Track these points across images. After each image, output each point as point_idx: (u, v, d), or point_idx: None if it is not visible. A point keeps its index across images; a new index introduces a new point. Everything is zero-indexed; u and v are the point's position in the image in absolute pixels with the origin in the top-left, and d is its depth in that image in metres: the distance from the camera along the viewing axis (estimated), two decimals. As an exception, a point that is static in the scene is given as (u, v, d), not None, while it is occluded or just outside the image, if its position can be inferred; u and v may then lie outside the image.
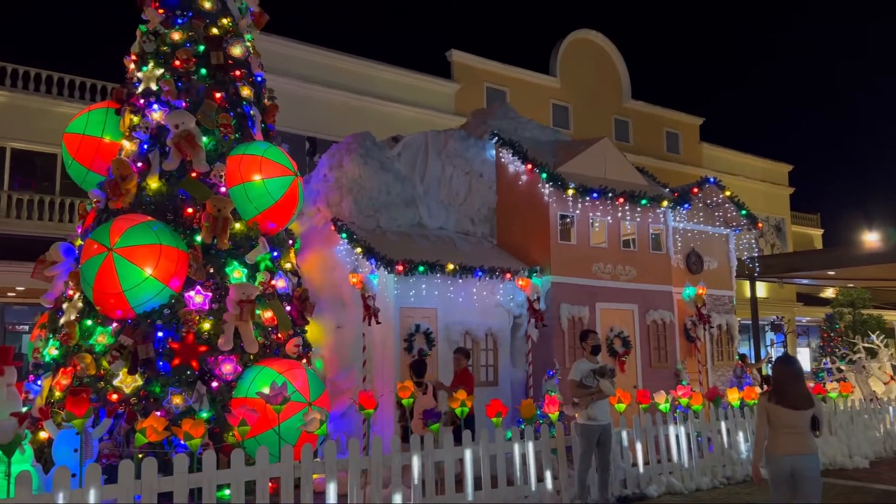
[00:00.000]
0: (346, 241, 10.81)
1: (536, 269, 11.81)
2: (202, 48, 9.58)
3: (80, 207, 10.09)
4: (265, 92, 10.45)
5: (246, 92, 9.83)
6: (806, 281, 26.01)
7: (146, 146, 9.17)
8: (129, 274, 7.96)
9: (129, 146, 9.31)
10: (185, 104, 9.24)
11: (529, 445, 8.14)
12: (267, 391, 7.47)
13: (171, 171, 8.97)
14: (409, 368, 9.40)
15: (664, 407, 9.59)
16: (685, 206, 13.53)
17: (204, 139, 9.11)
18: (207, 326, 8.36)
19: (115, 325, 8.28)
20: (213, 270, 8.68)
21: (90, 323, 8.40)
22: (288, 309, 9.33)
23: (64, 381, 8.09)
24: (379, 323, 10.27)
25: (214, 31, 9.73)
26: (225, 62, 9.65)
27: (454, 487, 7.46)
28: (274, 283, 9.21)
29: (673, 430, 9.45)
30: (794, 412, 5.61)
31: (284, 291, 9.41)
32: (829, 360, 20.11)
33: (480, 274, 11.18)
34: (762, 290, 29.32)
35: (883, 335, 18.66)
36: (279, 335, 8.99)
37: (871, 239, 25.22)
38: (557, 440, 8.42)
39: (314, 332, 10.34)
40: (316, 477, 6.59)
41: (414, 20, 56.32)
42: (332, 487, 6.57)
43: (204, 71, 9.51)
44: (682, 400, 9.93)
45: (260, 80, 10.32)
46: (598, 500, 7.97)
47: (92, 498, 5.41)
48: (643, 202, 12.70)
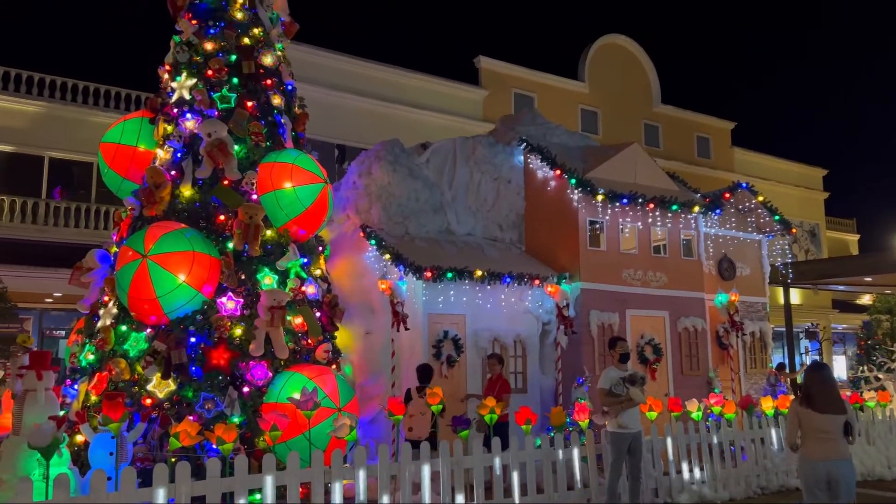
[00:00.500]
0: (374, 247, 10.87)
1: (565, 275, 11.75)
2: (234, 58, 9.72)
3: (115, 215, 10.28)
4: (295, 100, 10.56)
5: (277, 100, 9.94)
6: (842, 287, 25.45)
7: (180, 155, 9.32)
8: (162, 280, 8.09)
9: (163, 155, 9.47)
10: (217, 113, 9.38)
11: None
12: (298, 396, 7.53)
13: (203, 178, 9.10)
14: (415, 372, 9.34)
15: (696, 415, 9.46)
16: (717, 211, 13.37)
17: (236, 147, 9.23)
18: (239, 332, 8.46)
19: (149, 330, 8.42)
20: (244, 277, 8.78)
21: (125, 328, 8.55)
22: (318, 315, 9.39)
23: (100, 385, 8.24)
24: (408, 329, 10.31)
25: (246, 41, 9.86)
26: (256, 71, 9.78)
27: (483, 495, 7.43)
28: (304, 289, 9.28)
29: (705, 438, 9.32)
30: (825, 417, 5.54)
31: (314, 297, 9.49)
32: (866, 368, 19.65)
33: (509, 280, 11.16)
34: (796, 296, 28.79)
35: (922, 343, 18.19)
36: (309, 341, 9.06)
37: (909, 244, 24.62)
38: (588, 448, 8.36)
39: (343, 337, 10.40)
40: (346, 482, 6.62)
41: (442, 27, 56.54)
42: (361, 487, 6.60)
43: (236, 80, 9.65)
44: (714, 408, 9.79)
45: (290, 88, 10.44)
46: (628, 508, 7.88)
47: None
48: (674, 208, 12.57)
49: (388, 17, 54.86)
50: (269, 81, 9.92)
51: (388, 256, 10.55)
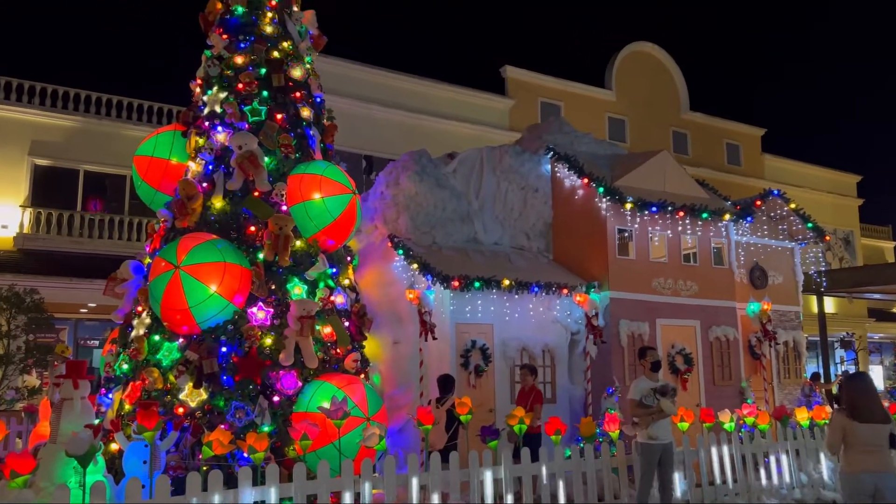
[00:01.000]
0: (402, 257, 10.91)
1: (594, 284, 11.67)
2: (264, 71, 9.86)
3: (148, 227, 10.45)
4: (324, 112, 10.67)
5: (306, 113, 10.05)
6: (877, 296, 24.93)
7: (211, 167, 9.46)
8: (194, 291, 8.20)
9: (194, 167, 9.62)
10: (247, 126, 9.51)
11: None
12: (327, 406, 7.57)
13: (234, 190, 9.22)
14: (437, 383, 9.38)
15: (729, 426, 9.32)
16: (748, 219, 13.19)
17: (266, 159, 9.35)
18: (269, 342, 8.53)
19: (181, 340, 8.53)
20: (274, 287, 8.87)
21: (158, 338, 8.68)
22: (346, 324, 9.44)
23: (134, 394, 8.37)
24: (435, 339, 10.31)
25: (275, 54, 10.00)
26: (286, 84, 9.90)
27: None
28: (333, 298, 9.34)
29: (739, 449, 9.17)
30: (871, 427, 5.42)
31: (343, 307, 9.54)
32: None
33: (537, 289, 11.12)
34: (831, 305, 28.25)
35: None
36: (338, 350, 9.10)
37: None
38: (619, 459, 8.27)
39: (372, 347, 10.44)
40: (375, 492, 6.64)
41: (468, 38, 56.74)
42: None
43: (266, 93, 9.78)
44: (747, 419, 9.63)
45: (319, 100, 10.55)
46: (660, 520, 7.78)
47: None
48: (704, 215, 12.44)
49: (414, 28, 55.24)
50: (298, 94, 10.03)
51: (415, 266, 10.58)
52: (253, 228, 9.07)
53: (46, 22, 41.38)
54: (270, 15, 10.23)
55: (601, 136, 22.54)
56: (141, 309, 9.12)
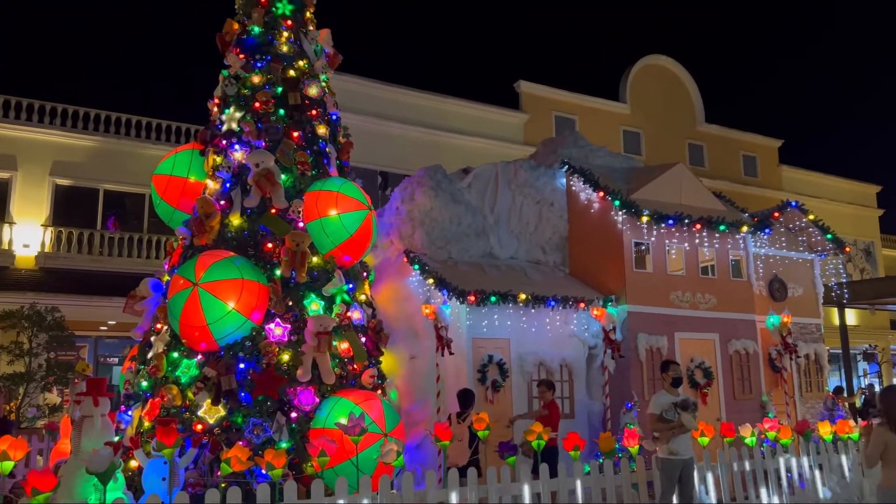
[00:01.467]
0: (418, 272, 10.93)
1: (611, 298, 11.61)
2: (280, 90, 9.97)
3: (167, 244, 10.55)
4: (340, 129, 10.75)
5: (322, 130, 10.14)
6: (900, 307, 24.58)
7: (228, 185, 9.55)
8: (213, 308, 8.25)
9: (212, 185, 9.72)
10: (264, 144, 9.61)
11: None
12: (345, 422, 7.56)
13: (251, 207, 9.30)
14: (457, 398, 9.37)
15: (750, 441, 9.20)
16: (766, 231, 13.09)
17: (283, 176, 9.43)
18: (287, 358, 8.56)
19: (199, 357, 8.58)
20: (291, 303, 8.91)
21: (176, 355, 8.73)
22: (363, 340, 9.46)
23: (153, 411, 8.42)
24: (452, 354, 10.29)
25: (291, 73, 10.11)
26: (302, 102, 10.00)
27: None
28: (349, 314, 9.37)
29: (760, 465, 9.04)
30: None
31: (360, 323, 9.56)
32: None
33: (553, 303, 11.08)
34: (852, 317, 27.86)
35: None
36: (355, 366, 9.11)
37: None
38: (638, 475, 8.18)
39: (388, 362, 10.44)
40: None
41: (481, 53, 57.05)
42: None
43: (282, 111, 9.88)
44: (769, 433, 9.50)
45: (335, 118, 10.64)
46: (682, 537, 7.67)
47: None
48: (721, 228, 12.36)
49: (428, 45, 55.65)
50: (314, 112, 10.13)
51: (431, 281, 10.59)
52: (270, 245, 9.13)
53: (66, 45, 42.17)
54: (286, 34, 10.36)
55: (616, 149, 22.49)
56: (160, 326, 9.20)
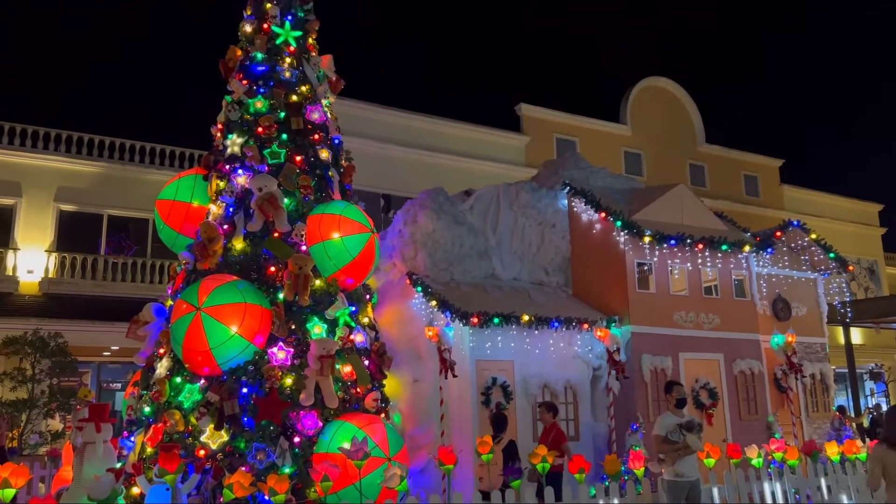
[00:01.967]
0: (421, 294, 10.93)
1: (615, 318, 11.58)
2: (283, 115, 10.06)
3: (170, 269, 10.57)
4: (342, 153, 10.82)
5: (324, 154, 10.21)
6: (906, 326, 24.47)
7: (231, 209, 9.60)
8: (215, 332, 8.25)
9: (215, 210, 9.76)
10: (267, 168, 9.67)
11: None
12: (348, 446, 7.52)
13: (254, 231, 9.34)
14: (489, 421, 9.33)
15: (757, 462, 9.11)
16: (768, 250, 13.09)
17: (285, 200, 9.47)
18: (290, 382, 8.53)
19: (202, 381, 8.56)
20: (294, 327, 8.90)
21: (179, 380, 8.71)
22: (366, 363, 9.43)
23: (155, 437, 8.38)
24: (455, 376, 10.25)
25: (294, 98, 10.20)
26: (304, 127, 10.08)
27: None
28: (352, 337, 9.35)
29: (768, 486, 8.94)
30: None
31: (363, 346, 9.54)
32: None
33: (557, 325, 11.05)
34: (857, 336, 27.73)
35: None
36: (358, 389, 9.08)
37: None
38: (644, 497, 8.10)
39: (392, 386, 10.40)
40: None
41: (482, 77, 57.52)
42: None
43: (285, 136, 9.96)
44: (776, 454, 9.41)
45: (337, 142, 10.71)
46: (689, 561, 7.58)
47: None
48: (724, 247, 12.37)
49: (430, 69, 56.15)
50: (316, 136, 10.20)
51: (434, 303, 10.59)
52: (273, 269, 9.14)
53: (70, 71, 42.61)
54: (289, 61, 10.47)
55: (617, 170, 22.57)
56: (163, 351, 9.19)
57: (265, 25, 10.58)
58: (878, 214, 33.55)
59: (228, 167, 9.84)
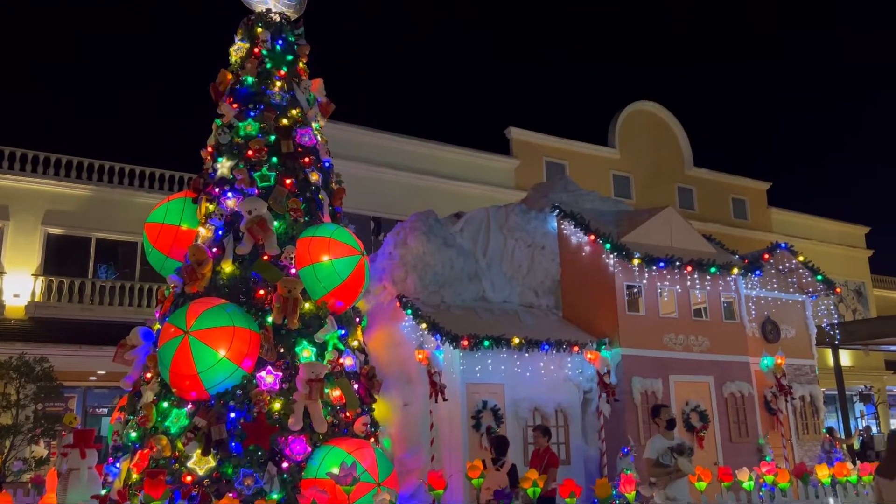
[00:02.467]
0: (411, 317, 10.90)
1: (605, 341, 11.58)
2: (273, 138, 10.08)
3: (158, 293, 10.51)
4: (333, 176, 10.85)
5: (315, 177, 10.22)
6: (894, 347, 24.58)
7: (221, 232, 9.57)
8: (203, 356, 8.18)
9: (204, 233, 9.73)
10: (257, 191, 9.67)
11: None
12: (337, 472, 7.44)
13: (244, 255, 9.31)
14: (490, 444, 9.21)
15: (748, 485, 9.08)
16: (757, 272, 13.17)
17: (275, 223, 9.46)
18: (278, 406, 8.46)
19: (189, 406, 8.47)
20: (283, 350, 8.85)
21: (166, 405, 8.62)
22: (356, 387, 9.37)
23: (141, 463, 8.26)
24: (446, 400, 10.20)
25: (284, 121, 10.24)
26: (295, 150, 10.10)
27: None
28: (342, 361, 9.30)
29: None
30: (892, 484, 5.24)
31: (352, 369, 9.48)
32: (927, 432, 18.70)
33: (547, 347, 11.04)
34: (846, 358, 27.83)
35: None
36: (347, 414, 9.00)
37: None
38: (635, 521, 8.04)
39: (381, 409, 10.33)
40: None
41: (472, 101, 57.98)
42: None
43: (275, 159, 9.97)
44: (767, 477, 9.39)
45: (328, 165, 10.74)
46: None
47: None
48: (712, 270, 12.43)
49: (420, 92, 56.56)
50: (307, 159, 10.22)
51: (424, 325, 10.56)
52: (262, 292, 9.11)
53: (58, 93, 42.63)
54: (280, 84, 10.53)
55: (607, 193, 22.71)
56: (150, 375, 9.10)
57: (256, 49, 10.65)
58: (864, 237, 33.86)
59: (218, 190, 9.83)
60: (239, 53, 10.81)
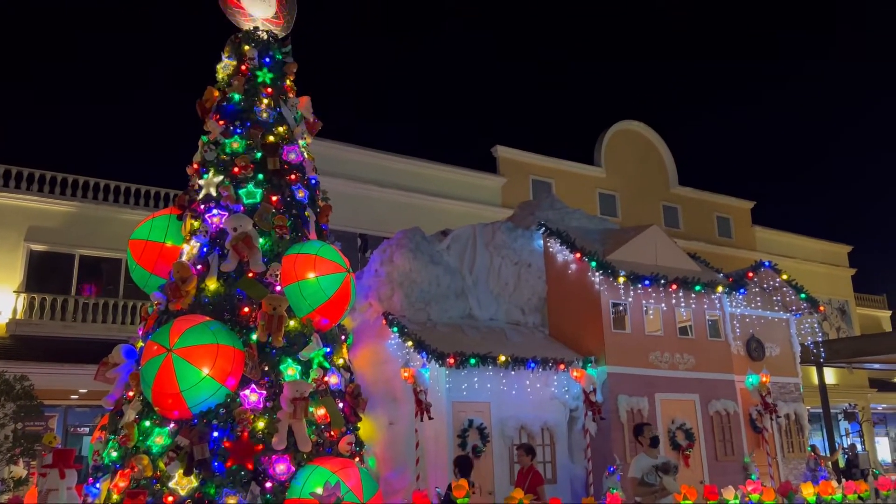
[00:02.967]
0: (397, 334, 10.86)
1: (591, 359, 11.59)
2: (259, 155, 10.07)
3: (142, 310, 10.41)
4: (319, 193, 10.84)
5: (301, 194, 10.21)
6: (878, 365, 24.75)
7: (205, 249, 9.52)
8: (186, 374, 8.10)
9: (189, 250, 9.68)
10: (242, 208, 9.64)
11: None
12: (320, 491, 7.37)
13: (228, 272, 9.25)
14: (454, 465, 9.14)
15: (734, 503, 9.07)
16: (741, 290, 13.26)
17: (261, 240, 9.43)
18: (262, 425, 8.37)
19: (172, 425, 8.37)
20: (267, 368, 8.77)
21: (148, 424, 8.51)
22: (340, 405, 9.30)
23: (122, 483, 8.14)
24: (431, 418, 10.14)
25: (271, 138, 10.24)
26: (281, 167, 10.10)
27: None
28: (327, 379, 9.23)
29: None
30: None
31: (337, 388, 9.42)
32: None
33: (533, 365, 11.03)
34: (831, 376, 27.99)
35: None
36: (332, 433, 8.93)
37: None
38: (622, 541, 8.01)
39: (367, 428, 10.25)
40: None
41: (459, 119, 58.31)
42: None
43: (261, 176, 9.96)
44: (752, 496, 9.38)
45: (314, 182, 10.74)
46: None
47: None
48: (697, 288, 12.50)
49: (408, 110, 56.83)
50: (293, 176, 10.22)
51: (410, 343, 10.52)
52: (247, 309, 9.05)
53: (44, 110, 42.44)
54: (266, 101, 10.54)
55: (593, 211, 22.82)
56: (132, 394, 8.99)
57: (243, 67, 10.66)
58: (847, 255, 34.21)
59: (203, 207, 9.79)
60: (226, 71, 10.82)
